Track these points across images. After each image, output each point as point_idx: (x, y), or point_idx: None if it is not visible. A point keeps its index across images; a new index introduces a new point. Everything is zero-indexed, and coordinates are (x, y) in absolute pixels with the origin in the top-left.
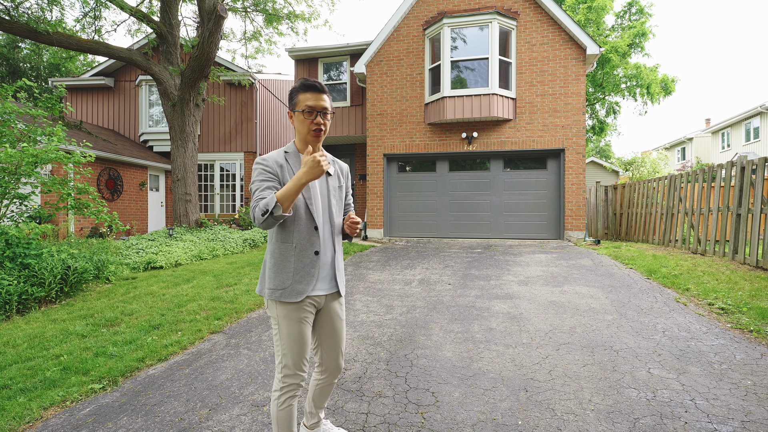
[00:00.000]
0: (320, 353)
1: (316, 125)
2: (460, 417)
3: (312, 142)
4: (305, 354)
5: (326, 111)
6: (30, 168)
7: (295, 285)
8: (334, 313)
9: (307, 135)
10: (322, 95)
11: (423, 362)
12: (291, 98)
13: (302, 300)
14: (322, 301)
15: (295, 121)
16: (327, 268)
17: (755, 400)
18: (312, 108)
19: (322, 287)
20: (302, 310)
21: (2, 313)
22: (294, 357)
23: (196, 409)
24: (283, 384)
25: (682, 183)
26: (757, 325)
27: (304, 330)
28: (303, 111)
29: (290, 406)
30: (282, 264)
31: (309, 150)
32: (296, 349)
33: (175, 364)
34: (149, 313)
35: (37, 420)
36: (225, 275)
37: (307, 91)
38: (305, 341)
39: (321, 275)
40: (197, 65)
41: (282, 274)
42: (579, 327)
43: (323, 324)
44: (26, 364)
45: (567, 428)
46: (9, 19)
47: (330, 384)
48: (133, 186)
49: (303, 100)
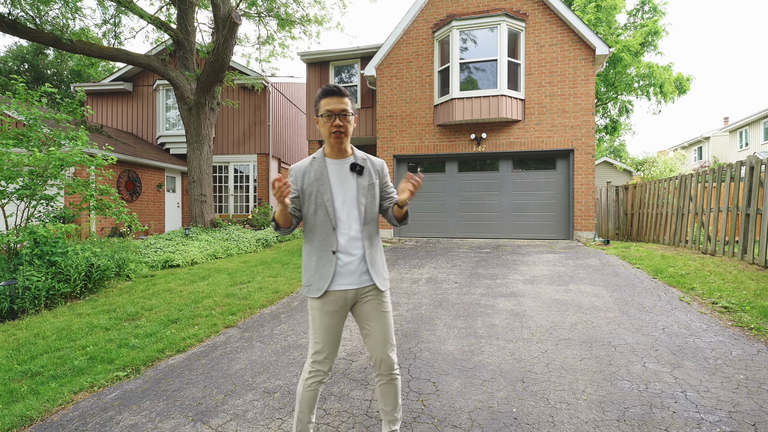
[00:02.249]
0: (367, 346)
1: (336, 128)
2: (458, 404)
3: (335, 144)
4: (334, 344)
5: (346, 113)
6: (56, 170)
7: (316, 282)
8: (371, 308)
9: (329, 137)
10: (342, 98)
11: (426, 355)
12: (315, 105)
13: (323, 295)
14: (351, 296)
15: (319, 126)
16: (353, 264)
17: (745, 393)
18: (331, 111)
19: (349, 282)
20: (328, 304)
21: (32, 307)
22: (321, 345)
23: (212, 395)
24: (311, 369)
25: (692, 183)
26: (758, 323)
27: (330, 322)
28: (323, 115)
29: (315, 390)
30: (307, 262)
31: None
32: (323, 339)
33: (193, 355)
34: (167, 308)
35: (69, 403)
36: (239, 273)
37: (326, 97)
38: (331, 332)
39: (343, 271)
40: (212, 70)
41: (307, 272)
42: (580, 324)
43: (361, 316)
44: (56, 353)
45: (558, 415)
46: (35, 29)
47: (386, 384)
48: (151, 187)
49: (323, 105)
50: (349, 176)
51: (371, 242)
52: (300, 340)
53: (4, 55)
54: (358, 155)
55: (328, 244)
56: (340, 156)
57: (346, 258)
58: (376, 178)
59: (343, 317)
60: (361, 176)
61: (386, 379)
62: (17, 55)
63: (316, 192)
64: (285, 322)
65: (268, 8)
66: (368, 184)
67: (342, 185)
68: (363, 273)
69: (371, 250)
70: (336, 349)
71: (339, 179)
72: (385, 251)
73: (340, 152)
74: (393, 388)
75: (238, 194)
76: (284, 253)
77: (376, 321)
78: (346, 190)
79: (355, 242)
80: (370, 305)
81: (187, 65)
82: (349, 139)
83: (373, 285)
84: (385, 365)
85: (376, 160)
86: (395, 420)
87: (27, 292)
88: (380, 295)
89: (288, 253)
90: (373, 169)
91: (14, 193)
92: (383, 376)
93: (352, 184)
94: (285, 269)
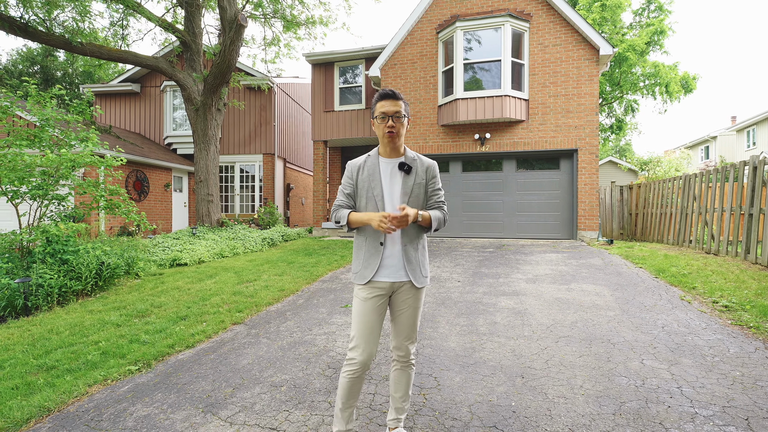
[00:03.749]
0: (392, 332)
1: (389, 128)
2: (459, 398)
3: (388, 143)
4: (367, 333)
5: (399, 114)
6: (68, 171)
7: (363, 270)
8: (401, 300)
9: (383, 137)
10: (396, 101)
11: (428, 351)
12: (372, 108)
13: (367, 283)
14: (389, 288)
15: (375, 127)
16: (394, 258)
17: (740, 389)
18: (385, 113)
19: (388, 275)
20: (369, 292)
21: (45, 304)
22: (358, 333)
23: (221, 388)
24: (348, 357)
25: (696, 183)
26: (757, 322)
27: (368, 311)
28: (377, 117)
29: (351, 379)
30: (357, 252)
31: (388, 215)
32: (359, 326)
33: (202, 351)
34: (176, 305)
35: (84, 395)
36: (245, 272)
37: (382, 100)
38: (367, 321)
39: (386, 264)
40: (219, 72)
41: (356, 261)
42: (580, 322)
43: (393, 308)
44: (69, 348)
45: (556, 409)
46: (46, 32)
47: (400, 369)
48: (159, 187)
49: (379, 107)
50: (397, 174)
51: (410, 239)
52: (305, 337)
53: (15, 57)
54: (409, 155)
55: (377, 235)
56: (392, 155)
57: (388, 251)
58: (423, 178)
59: (380, 311)
60: (408, 175)
61: (401, 364)
62: (27, 57)
63: (368, 187)
64: (291, 320)
65: (274, 10)
66: (414, 183)
67: (390, 183)
68: (400, 268)
69: (409, 247)
70: (371, 343)
71: (388, 177)
72: None
73: (393, 151)
74: (406, 375)
75: (243, 194)
76: (290, 252)
77: (404, 313)
78: (394, 188)
79: (395, 238)
80: (402, 297)
81: (194, 67)
82: (402, 140)
83: (408, 281)
84: (403, 351)
85: (426, 160)
86: (402, 409)
87: (40, 289)
88: (414, 291)
89: (293, 253)
90: (422, 168)
91: (27, 192)
92: (399, 362)
93: (399, 182)
94: (290, 268)
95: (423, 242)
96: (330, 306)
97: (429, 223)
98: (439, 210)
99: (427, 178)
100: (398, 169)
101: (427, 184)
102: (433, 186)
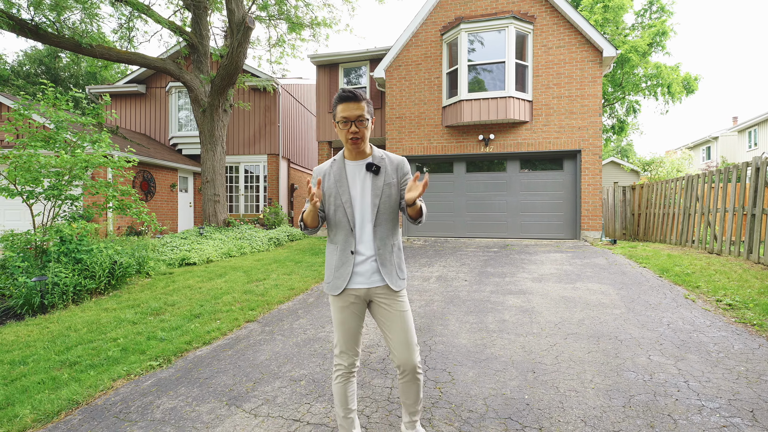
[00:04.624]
0: (388, 347)
1: (352, 134)
2: (474, 392)
3: (352, 149)
4: (349, 340)
5: (362, 118)
6: (82, 171)
7: (335, 280)
8: (385, 306)
9: (346, 143)
10: (358, 103)
11: (440, 347)
12: (332, 110)
13: (341, 293)
14: (365, 294)
15: (337, 131)
16: (366, 264)
17: (745, 383)
18: (347, 119)
19: (362, 282)
20: (344, 301)
21: (61, 302)
22: (339, 340)
23: (242, 382)
24: (335, 363)
25: (699, 183)
26: (760, 320)
27: (347, 318)
28: (339, 122)
29: (342, 384)
30: (329, 261)
31: (309, 189)
32: (341, 334)
33: (218, 347)
34: (189, 304)
35: (109, 389)
36: (254, 271)
37: (342, 103)
38: (348, 328)
39: (358, 271)
40: (226, 74)
41: (328, 270)
42: (587, 320)
43: (378, 316)
44: (89, 345)
45: (568, 402)
46: (56, 34)
47: (409, 382)
48: (165, 187)
49: (339, 111)
50: (365, 177)
51: (384, 242)
52: (319, 334)
53: (22, 58)
54: (376, 155)
55: (348, 243)
56: (358, 157)
57: (360, 257)
58: (393, 177)
59: (359, 315)
60: (377, 176)
61: (409, 377)
62: (35, 59)
63: (336, 193)
64: (303, 317)
65: (279, 11)
66: (384, 184)
67: (359, 186)
68: (374, 273)
69: (383, 250)
70: (353, 346)
71: (356, 180)
72: None
73: (358, 154)
74: (415, 386)
75: (248, 194)
76: (296, 251)
77: (393, 322)
78: (364, 191)
79: (367, 242)
80: (384, 305)
81: (201, 68)
82: (367, 142)
83: (384, 285)
84: (408, 367)
85: (395, 157)
86: (415, 411)
87: (56, 287)
88: (393, 295)
89: (300, 252)
90: (391, 167)
91: (42, 193)
92: (406, 375)
93: (368, 184)
94: (298, 267)
95: (398, 243)
96: None
97: (420, 212)
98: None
99: (398, 176)
100: (366, 170)
101: (399, 182)
102: (406, 183)
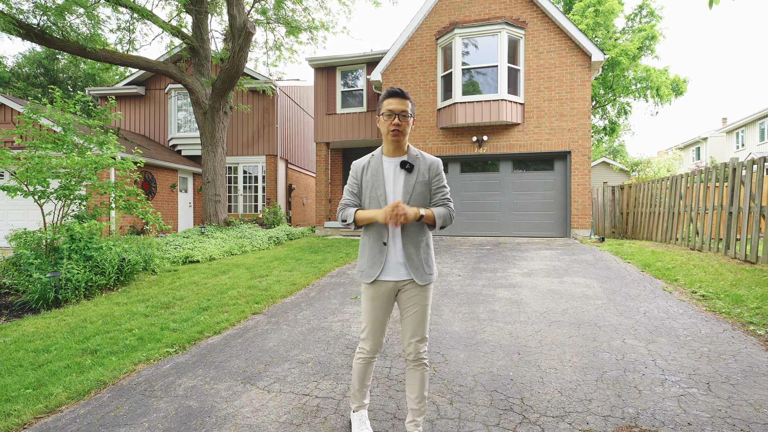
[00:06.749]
0: (401, 330)
1: (395, 126)
2: (464, 370)
3: (392, 141)
4: (376, 328)
5: (405, 113)
6: (91, 172)
7: (368, 269)
8: (408, 298)
9: (387, 134)
10: (404, 100)
11: (435, 334)
12: (378, 105)
13: (373, 281)
14: (393, 286)
15: (380, 124)
16: (396, 258)
17: (705, 361)
18: (392, 111)
19: (392, 274)
20: (376, 291)
21: (73, 297)
22: (366, 327)
23: (254, 365)
24: (359, 346)
25: (683, 183)
26: (729, 308)
27: (376, 307)
28: (384, 114)
29: (363, 365)
30: (362, 251)
31: (394, 204)
32: (369, 322)
33: (229, 336)
34: (197, 298)
35: (132, 372)
36: (256, 268)
37: (390, 97)
38: (376, 317)
39: (390, 263)
40: (227, 77)
41: (362, 259)
42: (571, 309)
43: (402, 307)
44: (106, 335)
45: (547, 377)
46: (61, 39)
47: (413, 369)
48: (165, 188)
49: (386, 105)
50: (399, 173)
51: (412, 238)
52: (322, 324)
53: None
54: (412, 153)
55: (381, 235)
56: (395, 154)
57: (391, 251)
58: (426, 176)
59: (387, 306)
60: (410, 173)
61: (412, 364)
62: (33, 60)
63: (371, 187)
64: (306, 309)
65: (277, 15)
66: (416, 182)
67: (392, 182)
68: (401, 267)
69: (410, 246)
70: (378, 334)
71: (390, 176)
72: None
73: (396, 150)
74: (419, 376)
75: (247, 194)
76: (296, 250)
77: (410, 311)
78: (396, 187)
79: (397, 237)
80: (407, 296)
81: (202, 71)
82: (406, 138)
83: (411, 279)
84: (412, 352)
85: (429, 157)
86: (418, 411)
87: (69, 283)
88: (419, 289)
89: (299, 250)
90: (425, 166)
91: (53, 192)
92: (410, 362)
93: (400, 181)
94: (299, 264)
95: (426, 240)
96: (341, 298)
97: (433, 221)
98: (444, 207)
99: (431, 175)
100: (400, 167)
101: (431, 181)
102: (437, 183)
